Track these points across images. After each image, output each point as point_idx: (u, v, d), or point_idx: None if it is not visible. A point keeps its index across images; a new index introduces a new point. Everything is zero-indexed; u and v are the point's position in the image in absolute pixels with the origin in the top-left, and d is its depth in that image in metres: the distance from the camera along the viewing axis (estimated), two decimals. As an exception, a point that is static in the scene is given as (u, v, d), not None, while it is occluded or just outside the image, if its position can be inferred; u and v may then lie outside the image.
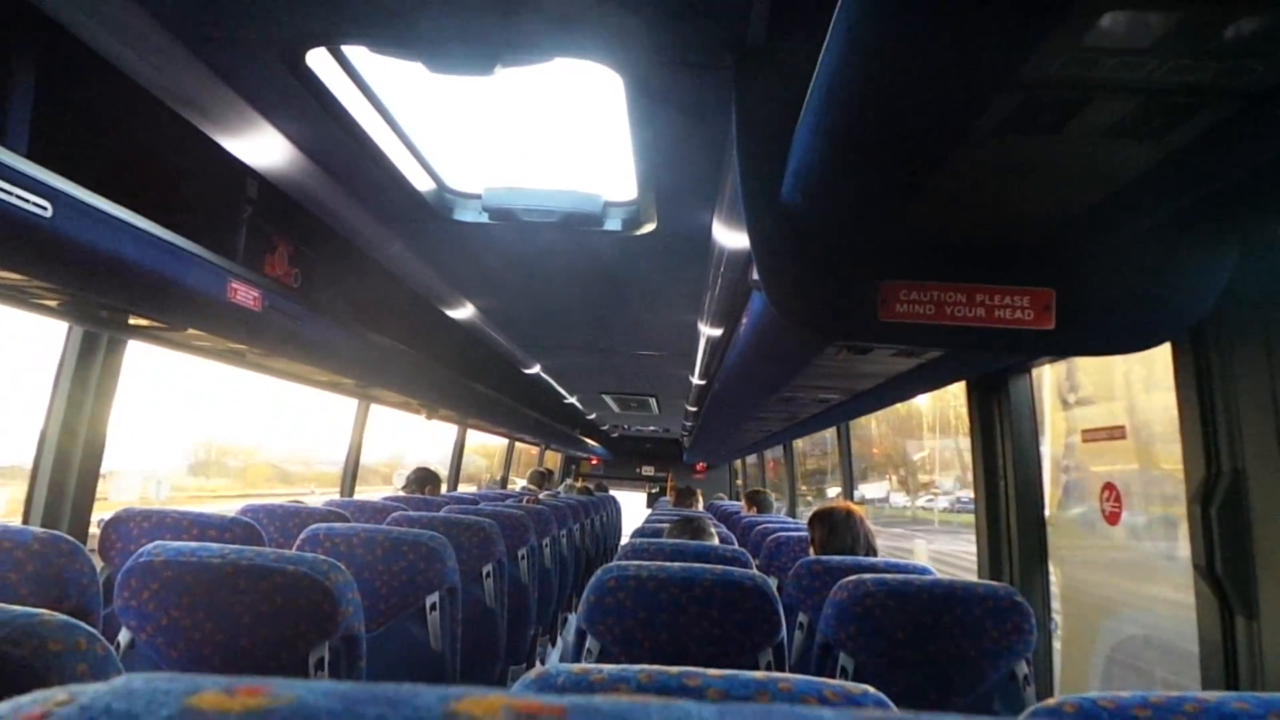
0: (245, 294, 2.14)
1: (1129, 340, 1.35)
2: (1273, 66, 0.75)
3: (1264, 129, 0.85)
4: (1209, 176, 1.01)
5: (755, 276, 1.42)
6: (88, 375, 2.46)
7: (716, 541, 2.91)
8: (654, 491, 13.36)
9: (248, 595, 1.70)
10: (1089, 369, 2.74)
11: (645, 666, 0.95)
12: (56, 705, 0.28)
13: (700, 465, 13.12)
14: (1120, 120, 0.86)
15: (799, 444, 7.17)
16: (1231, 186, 1.03)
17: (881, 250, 1.32)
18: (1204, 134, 0.88)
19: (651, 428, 11.22)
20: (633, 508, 11.26)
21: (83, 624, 1.00)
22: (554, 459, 13.25)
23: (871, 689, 0.95)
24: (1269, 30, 0.70)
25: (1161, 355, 1.54)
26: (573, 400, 7.87)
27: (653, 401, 7.65)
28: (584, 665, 0.94)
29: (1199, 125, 0.86)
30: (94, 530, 2.49)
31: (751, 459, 10.38)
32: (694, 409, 6.45)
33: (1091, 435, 2.36)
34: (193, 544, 1.75)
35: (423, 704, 0.28)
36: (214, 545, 1.75)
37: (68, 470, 2.43)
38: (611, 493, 10.24)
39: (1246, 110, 0.82)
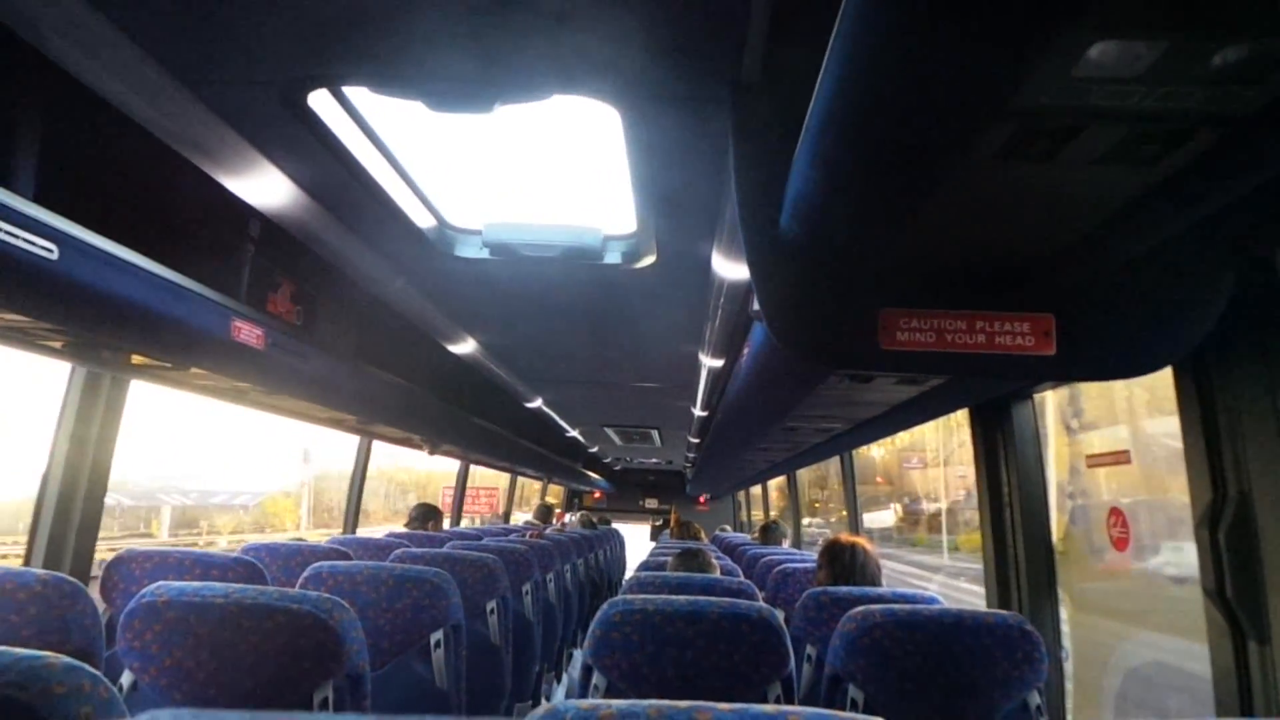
0: (248, 333, 2.15)
1: (1130, 365, 1.35)
2: (1261, 92, 0.76)
3: (1255, 153, 0.86)
4: (1203, 201, 1.02)
5: (755, 307, 1.43)
6: (91, 415, 2.46)
7: (719, 573, 2.89)
8: (658, 525, 13.28)
9: (252, 635, 1.68)
10: (1091, 394, 2.74)
11: (654, 701, 0.94)
12: None
13: (703, 497, 13.05)
14: (1113, 147, 0.87)
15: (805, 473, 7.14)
16: (1227, 210, 1.04)
17: (881, 278, 1.32)
18: (1196, 160, 0.89)
19: (654, 460, 11.18)
20: (637, 541, 11.18)
21: (87, 666, 0.99)
22: (556, 493, 13.21)
23: None
24: (1255, 57, 0.71)
25: (1164, 379, 1.54)
26: (575, 434, 7.86)
27: (655, 434, 7.63)
28: (592, 701, 0.93)
29: (1191, 151, 0.87)
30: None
31: (756, 490, 10.34)
32: (696, 440, 6.43)
33: (1095, 460, 2.35)
34: (195, 584, 1.74)
35: None
36: (217, 585, 1.74)
37: (70, 511, 2.42)
38: (614, 526, 10.17)
39: (1237, 135, 0.83)
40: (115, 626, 1.74)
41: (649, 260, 2.42)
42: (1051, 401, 2.80)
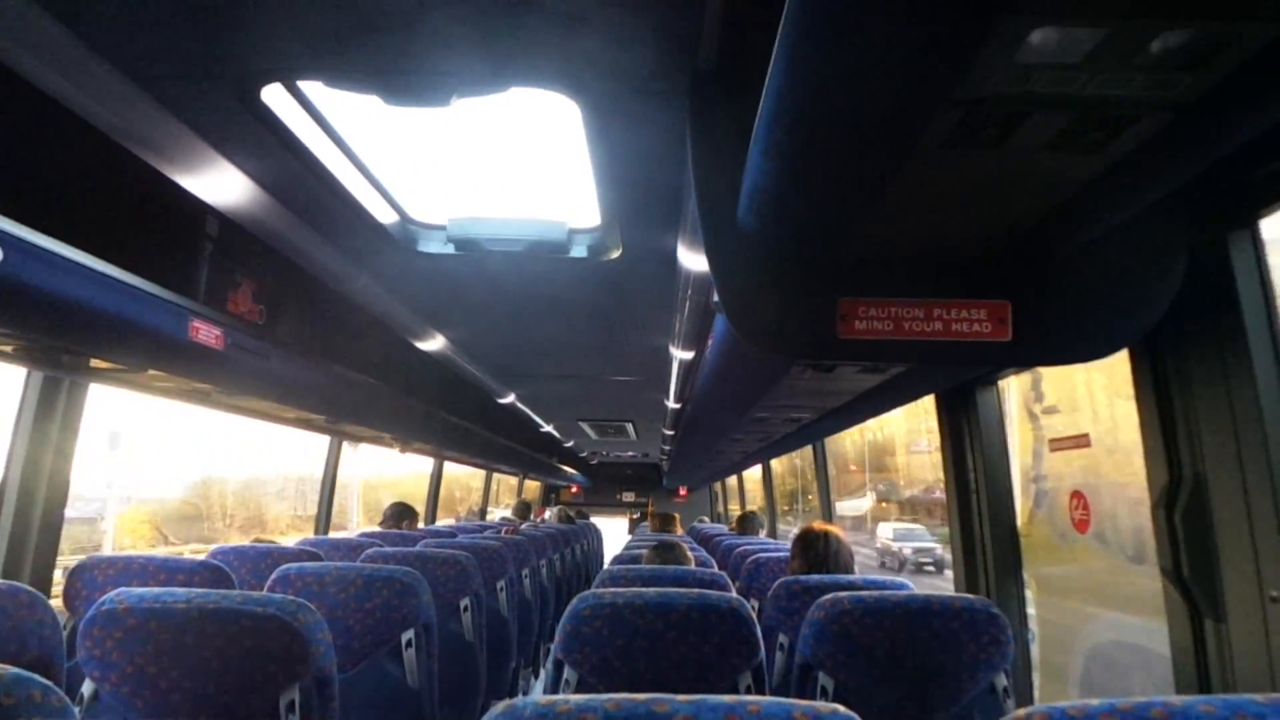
0: (207, 333, 2.12)
1: (1085, 349, 1.37)
2: (1200, 78, 0.77)
3: (1196, 139, 0.87)
4: (1152, 186, 1.03)
5: (716, 299, 1.43)
6: (49, 420, 2.41)
7: (693, 563, 2.90)
8: (635, 518, 13.32)
9: (215, 640, 1.66)
10: (1053, 379, 2.77)
11: (613, 695, 0.94)
12: None
13: (681, 489, 13.09)
14: (1059, 133, 0.88)
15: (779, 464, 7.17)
16: (1178, 194, 1.06)
17: (838, 268, 1.33)
18: (1141, 145, 0.90)
19: (630, 453, 11.19)
20: (615, 535, 11.19)
21: (37, 676, 0.97)
22: (533, 488, 13.19)
23: (842, 709, 0.94)
24: (1193, 43, 0.72)
25: (1122, 363, 1.56)
26: (550, 429, 7.84)
27: (630, 427, 7.63)
28: (551, 697, 0.93)
29: (1135, 137, 0.88)
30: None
31: (732, 481, 10.38)
32: (671, 432, 6.44)
33: (1058, 444, 2.39)
34: (157, 589, 1.71)
35: None
36: (179, 590, 1.71)
37: (29, 518, 2.37)
38: (593, 520, 10.17)
39: (1179, 121, 0.84)
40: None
41: (615, 253, 2.41)
42: (1015, 387, 2.83)
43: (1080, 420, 2.66)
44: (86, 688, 1.69)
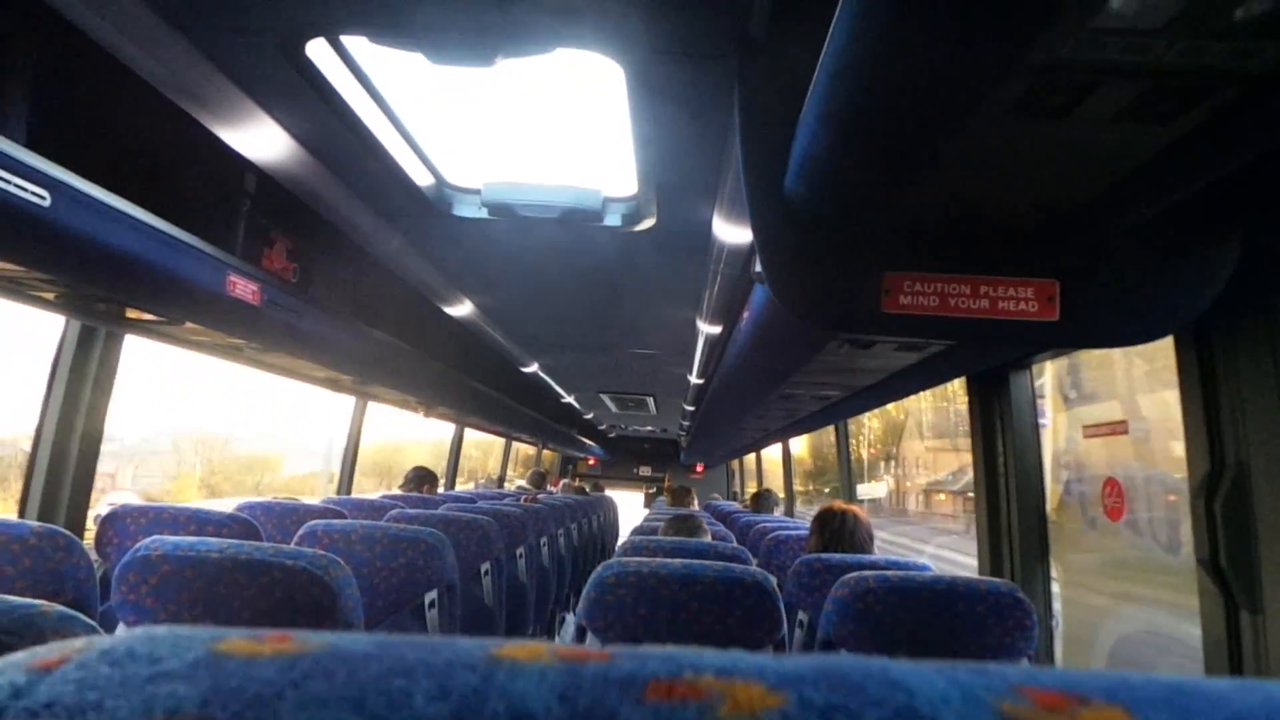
0: (244, 288, 2.13)
1: (1132, 332, 1.34)
2: None
3: (1270, 113, 0.84)
4: (1214, 164, 1.00)
5: (757, 269, 1.41)
6: (85, 369, 2.44)
7: (709, 537, 2.91)
8: (651, 492, 13.37)
9: (246, 590, 1.68)
10: (1090, 365, 2.74)
11: None
12: (75, 651, 0.28)
13: (698, 466, 13.11)
14: (1130, 104, 0.85)
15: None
16: (1236, 176, 1.03)
17: (885, 241, 1.31)
18: (1211, 119, 0.87)
19: (649, 428, 11.21)
20: (630, 508, 11.25)
21: (81, 615, 0.99)
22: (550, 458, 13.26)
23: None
24: (1278, 10, 0.69)
25: (1164, 349, 1.53)
26: (570, 400, 7.86)
27: (650, 401, 7.64)
28: None
29: (1206, 110, 0.86)
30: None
31: (749, 459, 10.38)
32: (691, 408, 6.44)
33: (1093, 431, 2.36)
34: (191, 539, 1.74)
35: (463, 649, 0.27)
36: (212, 540, 1.74)
37: (64, 465, 2.41)
38: (608, 493, 10.21)
39: (1254, 94, 0.82)
40: (109, 581, 1.74)
41: (649, 223, 2.40)
42: (1050, 371, 2.80)
43: (1117, 408, 2.63)
44: (121, 632, 1.72)
